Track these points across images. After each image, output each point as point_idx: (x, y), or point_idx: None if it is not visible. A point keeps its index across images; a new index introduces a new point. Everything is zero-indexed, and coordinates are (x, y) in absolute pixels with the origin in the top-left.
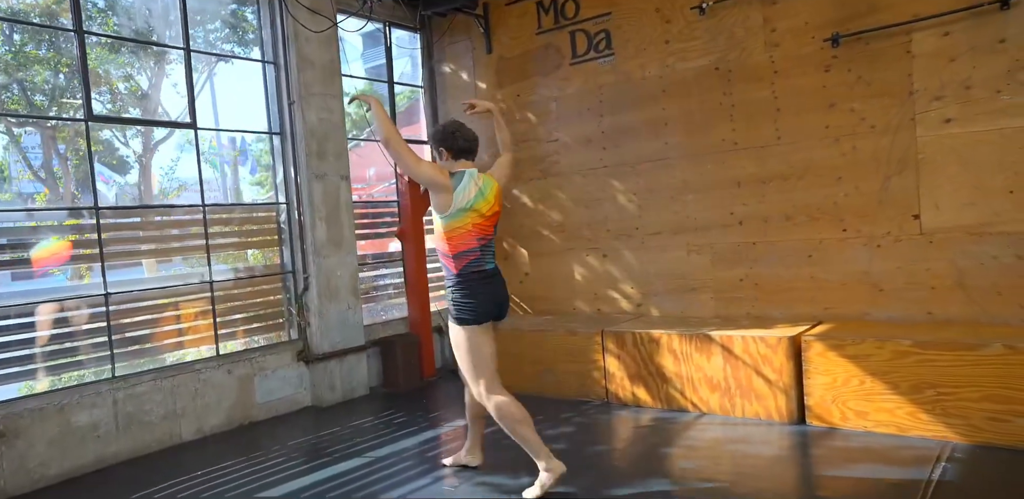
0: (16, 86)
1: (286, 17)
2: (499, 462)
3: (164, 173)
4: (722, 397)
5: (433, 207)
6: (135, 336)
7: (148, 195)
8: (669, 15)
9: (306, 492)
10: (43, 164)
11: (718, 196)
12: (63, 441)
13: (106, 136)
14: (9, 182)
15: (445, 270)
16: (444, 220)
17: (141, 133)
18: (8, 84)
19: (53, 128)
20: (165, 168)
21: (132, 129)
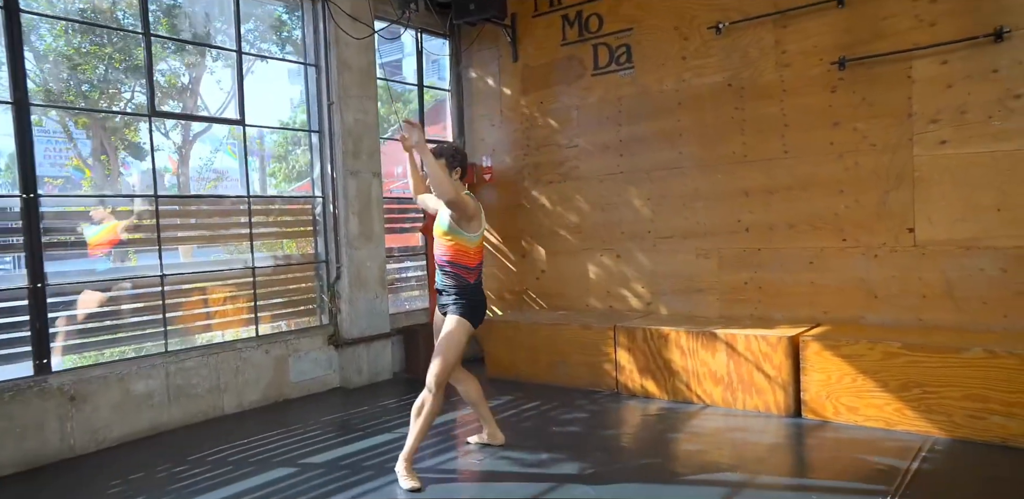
0: (73, 80)
1: (329, 23)
2: (519, 440)
3: (203, 164)
4: (724, 390)
5: (463, 229)
6: (185, 315)
7: (186, 184)
8: (687, 33)
9: (345, 460)
10: (91, 152)
11: (727, 204)
12: (123, 407)
13: (144, 128)
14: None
15: (460, 280)
16: (475, 238)
17: (181, 126)
18: (68, 79)
19: (103, 119)
20: (204, 159)
21: (171, 122)
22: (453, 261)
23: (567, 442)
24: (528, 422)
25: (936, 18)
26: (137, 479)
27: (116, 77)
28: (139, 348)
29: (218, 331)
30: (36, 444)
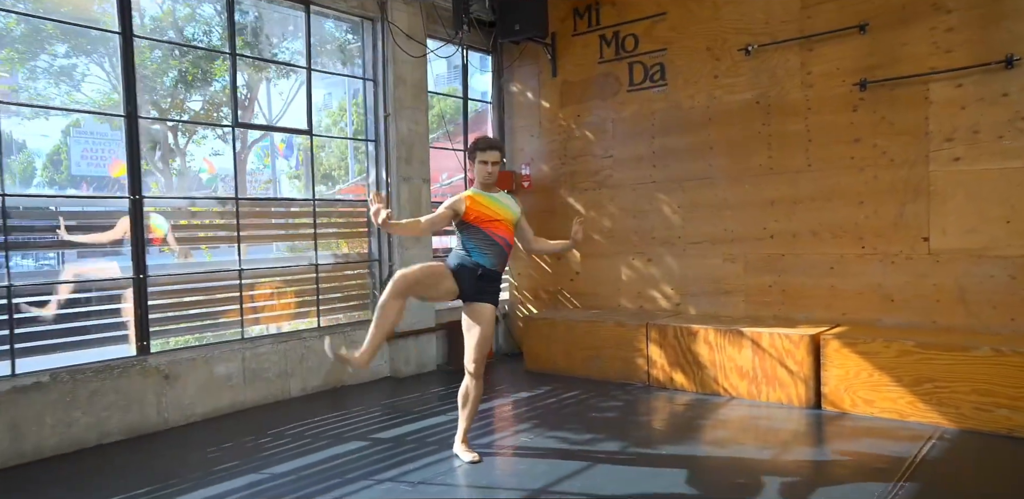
0: (146, 92)
1: (387, 42)
2: (563, 423)
3: (258, 169)
4: (749, 384)
5: (513, 215)
6: (258, 305)
7: (242, 186)
8: (719, 54)
9: (410, 436)
10: (161, 157)
11: (753, 213)
12: (208, 387)
13: (204, 135)
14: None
15: (504, 264)
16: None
17: (242, 133)
18: (154, 89)
19: (174, 128)
20: (258, 165)
21: (226, 129)
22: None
23: (607, 425)
24: (568, 408)
25: (952, 45)
26: (229, 447)
27: (181, 88)
28: (220, 335)
29: (285, 322)
30: (138, 416)
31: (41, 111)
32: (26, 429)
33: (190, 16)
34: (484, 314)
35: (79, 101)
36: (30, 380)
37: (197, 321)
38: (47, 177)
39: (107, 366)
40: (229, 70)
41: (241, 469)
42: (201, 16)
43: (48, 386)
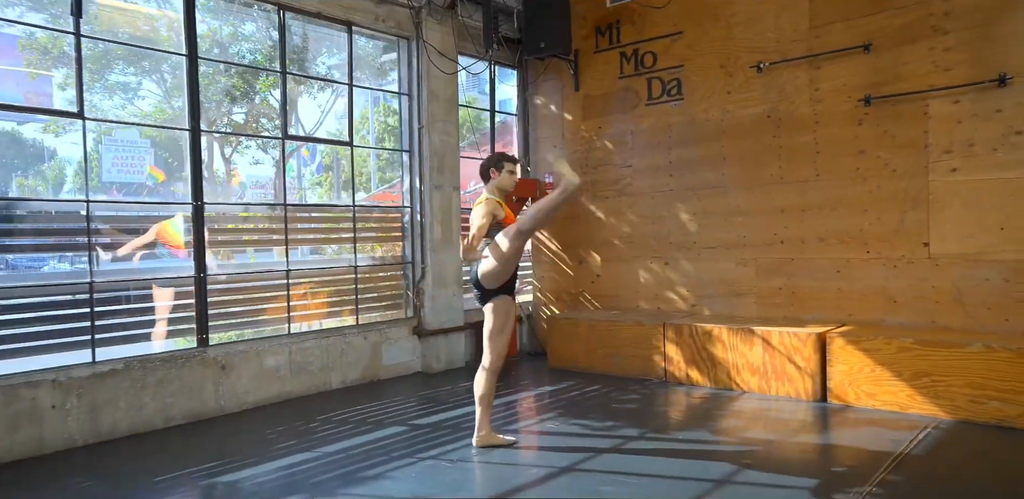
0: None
1: (421, 59)
2: (586, 412)
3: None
4: (760, 379)
5: (474, 217)
6: (301, 304)
7: (280, 192)
8: (732, 71)
9: (446, 422)
10: (207, 164)
11: (764, 220)
12: (259, 377)
13: (248, 145)
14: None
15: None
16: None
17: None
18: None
19: (220, 138)
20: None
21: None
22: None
23: (626, 415)
24: (591, 400)
25: (950, 64)
26: (283, 430)
27: (227, 101)
28: (270, 329)
29: (327, 319)
30: (198, 403)
31: (76, 121)
32: (103, 411)
33: (234, 34)
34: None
35: (133, 114)
36: (107, 367)
37: (249, 317)
38: (78, 183)
39: (172, 356)
40: (280, 87)
41: (296, 448)
42: (244, 34)
43: (122, 373)
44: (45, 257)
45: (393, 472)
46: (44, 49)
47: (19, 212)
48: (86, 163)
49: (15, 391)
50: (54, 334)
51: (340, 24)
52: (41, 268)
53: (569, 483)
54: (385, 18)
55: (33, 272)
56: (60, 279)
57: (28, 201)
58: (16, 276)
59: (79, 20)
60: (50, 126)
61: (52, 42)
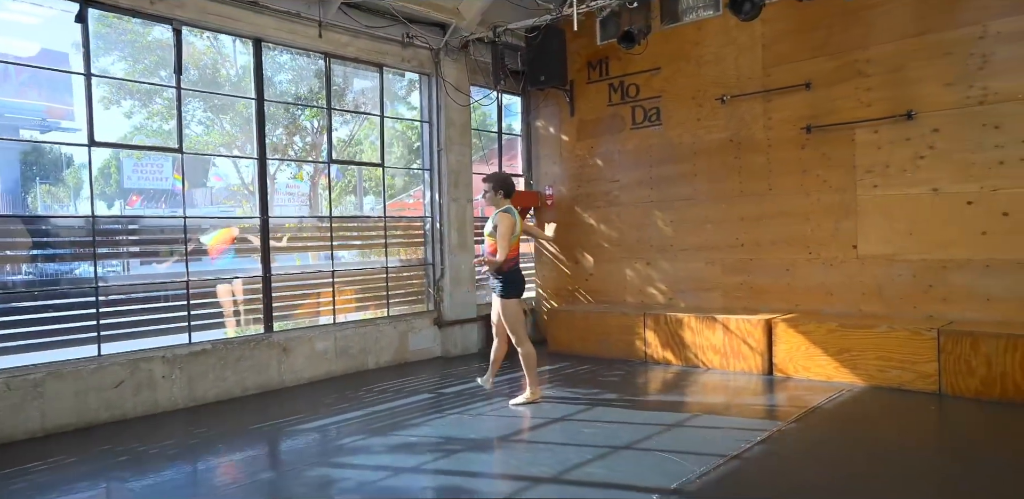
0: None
1: (440, 92)
2: (578, 384)
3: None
4: (721, 357)
5: (505, 231)
6: (343, 298)
7: (315, 206)
8: (701, 101)
9: (465, 392)
10: (251, 182)
11: (728, 226)
12: (310, 358)
13: (289, 165)
14: None
15: (494, 269)
16: (513, 238)
17: (327, 167)
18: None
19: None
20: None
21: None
22: (488, 253)
23: (609, 384)
24: (582, 376)
25: (871, 101)
26: (335, 398)
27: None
28: (316, 320)
29: (364, 311)
30: (265, 377)
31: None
32: (197, 382)
33: (280, 67)
34: (496, 309)
35: (199, 139)
36: (199, 347)
37: (302, 309)
38: (98, 190)
39: (246, 340)
40: (326, 120)
41: (349, 408)
42: (297, 66)
43: (210, 352)
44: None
45: (428, 422)
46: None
47: (132, 226)
48: (184, 189)
49: (136, 364)
50: (162, 321)
51: (373, 66)
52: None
53: (560, 428)
54: (410, 59)
55: (137, 273)
56: (162, 279)
57: (141, 218)
58: (128, 276)
59: (179, 77)
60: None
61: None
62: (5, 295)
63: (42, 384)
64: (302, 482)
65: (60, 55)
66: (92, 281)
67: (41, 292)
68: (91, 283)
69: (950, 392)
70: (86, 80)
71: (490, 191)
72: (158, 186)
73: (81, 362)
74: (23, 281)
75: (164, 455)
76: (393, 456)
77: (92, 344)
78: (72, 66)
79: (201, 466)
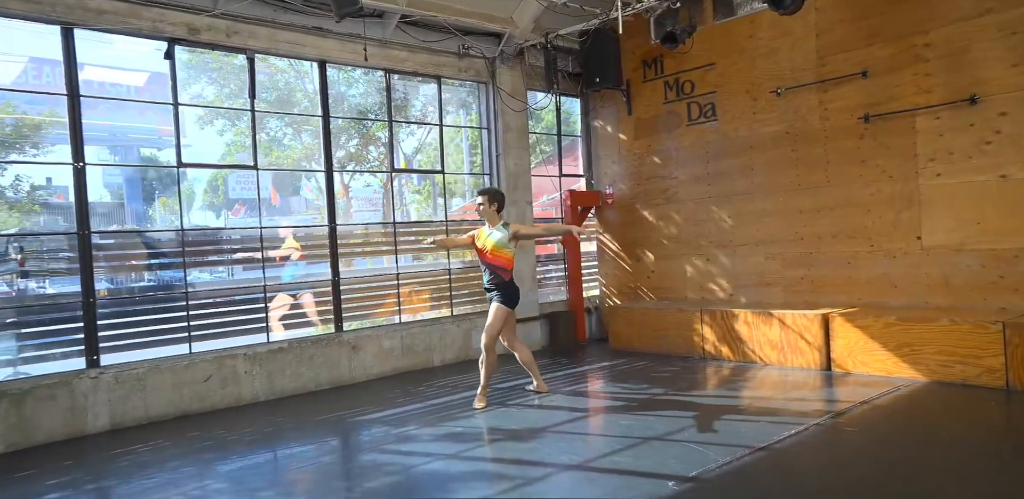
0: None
1: (496, 99)
2: (629, 379)
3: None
4: (778, 353)
5: (504, 244)
6: (408, 299)
7: (388, 212)
8: (756, 95)
9: (519, 387)
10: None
11: (787, 220)
12: (379, 355)
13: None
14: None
15: (498, 278)
16: (512, 251)
17: (388, 175)
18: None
19: (341, 167)
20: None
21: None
22: (495, 265)
23: (660, 380)
24: (637, 371)
25: (931, 87)
26: (398, 393)
27: (344, 138)
28: (383, 319)
29: (429, 311)
30: (337, 373)
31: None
32: (275, 377)
33: (348, 79)
34: (490, 310)
35: (279, 152)
36: (277, 346)
37: (370, 309)
38: (207, 201)
39: (319, 339)
40: (387, 131)
41: (409, 402)
42: (354, 78)
43: (287, 350)
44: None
45: (478, 414)
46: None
47: (213, 238)
48: (259, 203)
49: (222, 361)
50: (243, 322)
51: (431, 78)
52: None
53: (599, 421)
54: (466, 69)
55: (220, 280)
56: (242, 284)
57: (223, 229)
58: (211, 282)
59: (254, 100)
60: (164, 153)
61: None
62: (119, 300)
63: (145, 378)
64: (355, 465)
65: (164, 79)
66: (183, 286)
67: (142, 297)
68: (182, 288)
69: (1019, 387)
70: (174, 109)
71: (486, 204)
72: (255, 196)
73: (176, 359)
74: (139, 287)
75: (242, 441)
76: (438, 444)
77: (183, 343)
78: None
79: (272, 451)
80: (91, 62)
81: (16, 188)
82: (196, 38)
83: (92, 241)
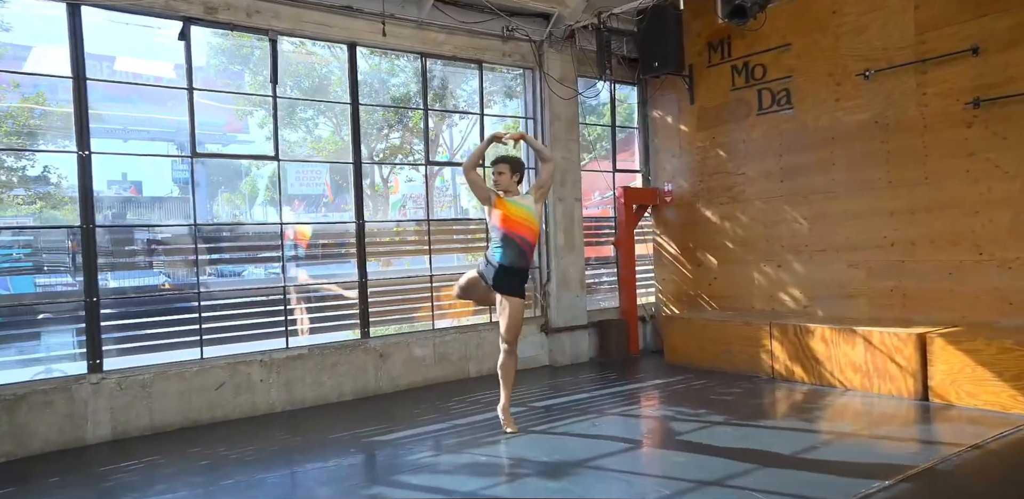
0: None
1: (543, 86)
2: (684, 402)
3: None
4: (862, 377)
5: (537, 213)
6: (443, 303)
7: (431, 208)
8: (839, 79)
9: (558, 406)
10: (369, 184)
11: (874, 222)
12: (409, 364)
13: (402, 166)
14: None
15: (525, 259)
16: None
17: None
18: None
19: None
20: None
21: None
22: (534, 244)
23: (723, 404)
24: (695, 392)
25: None
26: (426, 408)
27: (385, 128)
28: (414, 325)
29: (465, 316)
30: (362, 383)
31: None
32: (294, 386)
33: (391, 69)
34: (507, 306)
35: (313, 146)
36: (296, 352)
37: (400, 314)
38: (268, 197)
39: (343, 345)
40: (422, 121)
41: (433, 419)
42: (399, 66)
43: (307, 357)
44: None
45: (507, 439)
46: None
47: (225, 233)
48: (279, 194)
49: (236, 367)
50: (260, 326)
51: (472, 62)
52: (240, 274)
53: (648, 454)
54: (511, 53)
55: (237, 279)
56: (260, 284)
57: (237, 225)
58: (226, 282)
59: (275, 86)
60: (231, 148)
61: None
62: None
63: (150, 384)
64: None
65: (199, 69)
66: (196, 287)
67: (152, 297)
68: (194, 289)
69: None
70: (188, 95)
71: (507, 173)
72: (314, 192)
73: (185, 364)
74: (147, 286)
75: (241, 461)
76: (453, 477)
77: (194, 347)
78: (207, 81)
79: (266, 476)
80: (124, 53)
81: (45, 179)
82: (213, 17)
83: (96, 236)
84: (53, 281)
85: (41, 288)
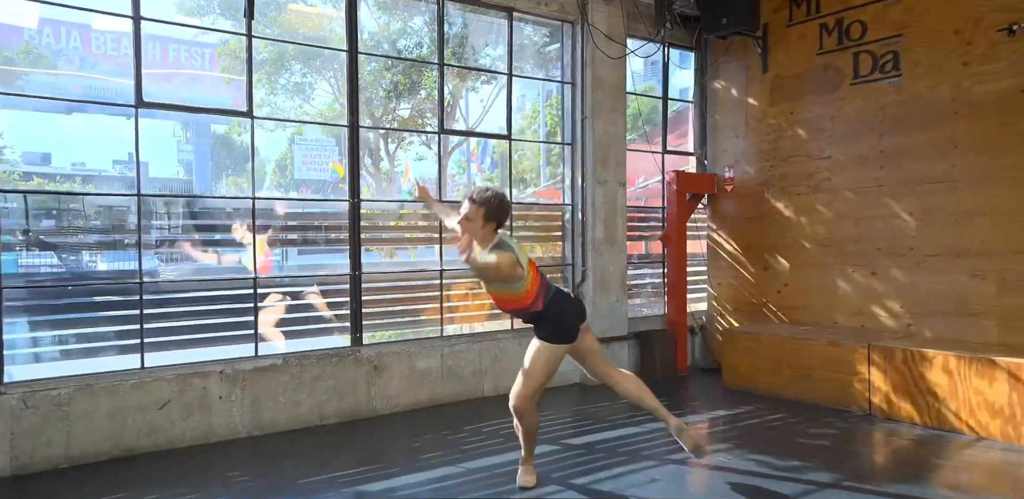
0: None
1: (586, 44)
2: (766, 446)
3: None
4: (1004, 423)
5: (506, 281)
6: (456, 305)
7: (444, 190)
8: (970, 37)
9: (600, 444)
10: (373, 162)
11: (1010, 221)
12: (410, 379)
13: (411, 141)
14: None
15: (525, 313)
16: (520, 288)
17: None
18: (370, 100)
19: (385, 134)
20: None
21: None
22: (511, 308)
23: (819, 453)
24: (774, 431)
25: None
26: (429, 439)
27: (393, 97)
28: (420, 332)
29: (480, 322)
30: (350, 402)
31: (280, 123)
32: (264, 404)
33: (402, 29)
34: (529, 349)
35: (308, 113)
36: (267, 362)
37: (401, 317)
38: (275, 181)
39: (327, 354)
40: (437, 79)
41: (440, 460)
42: (412, 28)
43: (281, 368)
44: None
45: (525, 496)
46: (234, 54)
47: (195, 209)
48: (252, 160)
49: (188, 380)
50: (221, 327)
51: (501, 10)
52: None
53: None
54: (548, 2)
55: (193, 266)
56: (223, 274)
57: (201, 198)
58: (180, 269)
59: (251, 21)
60: (234, 127)
61: (241, 47)
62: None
63: (69, 401)
64: None
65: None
66: (136, 276)
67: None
68: (135, 277)
69: None
70: (134, 24)
71: (475, 216)
72: (321, 177)
73: (119, 375)
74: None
75: None
76: None
77: (133, 353)
78: None
79: None
80: None
81: None
82: None
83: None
84: None
85: None
